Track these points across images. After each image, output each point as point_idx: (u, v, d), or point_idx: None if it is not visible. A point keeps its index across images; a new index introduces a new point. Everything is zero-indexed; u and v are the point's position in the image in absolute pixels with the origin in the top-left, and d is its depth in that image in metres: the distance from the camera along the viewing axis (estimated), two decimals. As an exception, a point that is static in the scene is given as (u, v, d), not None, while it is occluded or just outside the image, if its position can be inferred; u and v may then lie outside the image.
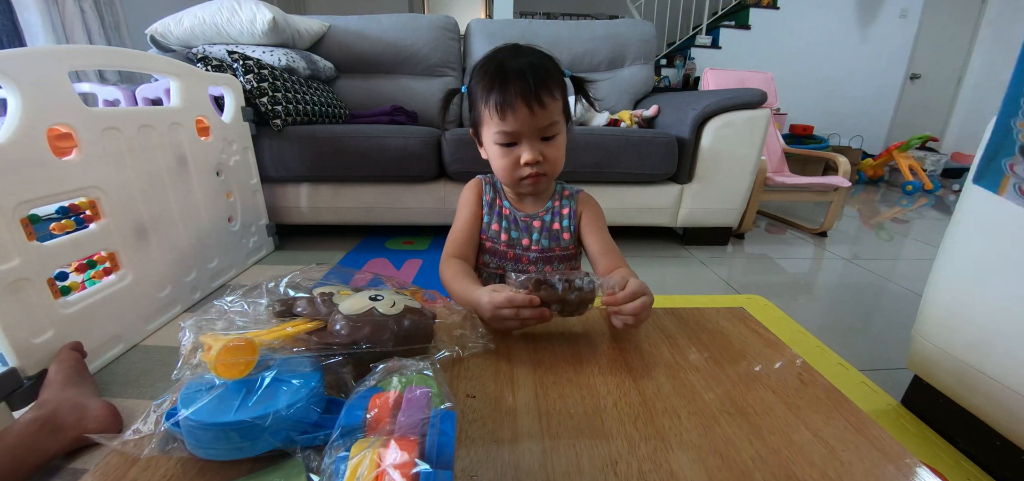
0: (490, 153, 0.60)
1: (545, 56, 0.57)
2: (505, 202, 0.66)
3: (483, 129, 0.59)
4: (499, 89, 0.54)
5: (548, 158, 0.57)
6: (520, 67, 0.54)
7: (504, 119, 0.54)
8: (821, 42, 3.63)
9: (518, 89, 0.53)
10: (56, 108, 0.80)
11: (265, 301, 0.38)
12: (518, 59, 0.55)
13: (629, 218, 1.70)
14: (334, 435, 0.26)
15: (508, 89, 0.53)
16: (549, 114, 0.55)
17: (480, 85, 0.56)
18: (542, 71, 0.54)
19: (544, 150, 0.57)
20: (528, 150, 0.56)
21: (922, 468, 0.30)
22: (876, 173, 3.53)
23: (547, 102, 0.54)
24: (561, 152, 0.59)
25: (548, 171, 0.58)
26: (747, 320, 0.51)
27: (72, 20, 1.97)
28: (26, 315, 0.74)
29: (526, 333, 0.47)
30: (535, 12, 4.22)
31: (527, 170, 0.57)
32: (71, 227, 0.84)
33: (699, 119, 1.58)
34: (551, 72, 0.56)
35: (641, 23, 2.17)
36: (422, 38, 2.03)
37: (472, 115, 0.61)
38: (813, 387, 0.39)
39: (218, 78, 1.32)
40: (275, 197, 1.60)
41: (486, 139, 0.59)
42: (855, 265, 1.65)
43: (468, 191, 0.68)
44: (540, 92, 0.53)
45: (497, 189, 0.67)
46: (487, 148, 0.60)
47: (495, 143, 0.57)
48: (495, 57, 0.56)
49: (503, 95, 0.53)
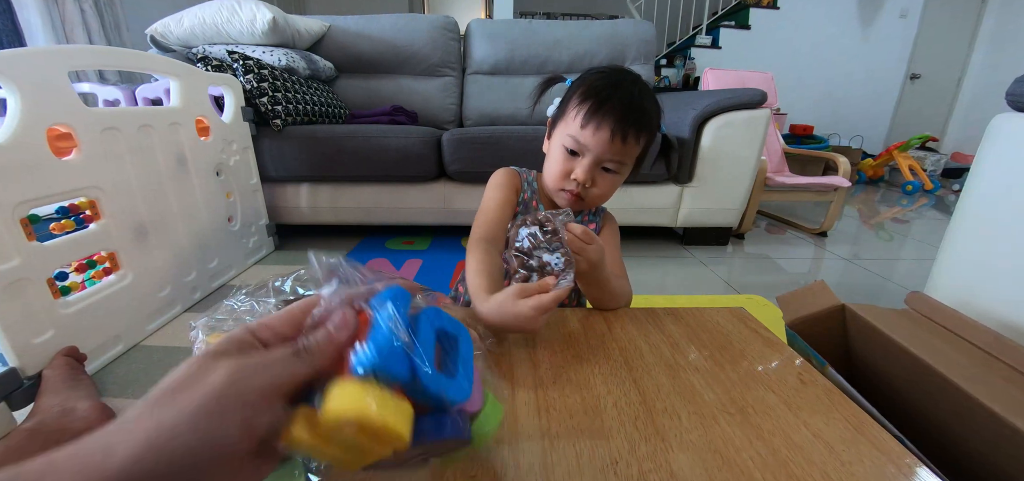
0: (552, 149, 0.59)
1: (655, 103, 0.57)
2: (540, 205, 0.66)
3: (561, 124, 0.58)
4: (598, 101, 0.53)
5: (598, 186, 0.57)
6: (629, 97, 0.54)
7: (584, 129, 0.54)
8: (821, 42, 3.63)
9: (614, 113, 0.53)
10: (56, 108, 0.80)
11: (273, 300, 0.38)
12: (631, 88, 0.55)
13: (629, 218, 1.69)
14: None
15: (605, 107, 0.53)
16: (624, 152, 0.55)
17: (584, 87, 0.56)
18: (644, 115, 0.54)
19: (597, 178, 0.57)
20: (583, 170, 0.55)
21: (922, 468, 0.30)
22: (876, 173, 3.53)
23: (629, 142, 0.54)
24: (611, 189, 0.59)
25: (589, 199, 0.58)
26: (747, 320, 0.51)
27: (72, 20, 1.97)
28: (26, 315, 0.74)
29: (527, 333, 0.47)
30: (535, 12, 4.23)
31: (573, 185, 0.57)
32: (71, 227, 0.84)
33: (699, 119, 1.58)
34: (651, 120, 0.56)
35: (641, 23, 2.16)
36: (422, 38, 2.03)
37: (561, 107, 0.60)
38: (813, 387, 0.39)
39: (218, 78, 1.32)
40: (275, 197, 1.60)
41: (557, 135, 0.58)
42: (855, 265, 1.65)
43: (502, 177, 0.66)
44: (629, 130, 0.53)
45: (535, 190, 0.67)
46: (552, 144, 0.60)
47: (562, 145, 0.57)
48: (613, 74, 0.56)
49: (598, 109, 0.53)
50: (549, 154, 0.60)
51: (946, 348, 0.50)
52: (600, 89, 0.54)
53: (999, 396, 0.41)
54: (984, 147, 0.77)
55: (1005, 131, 0.74)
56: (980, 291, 0.67)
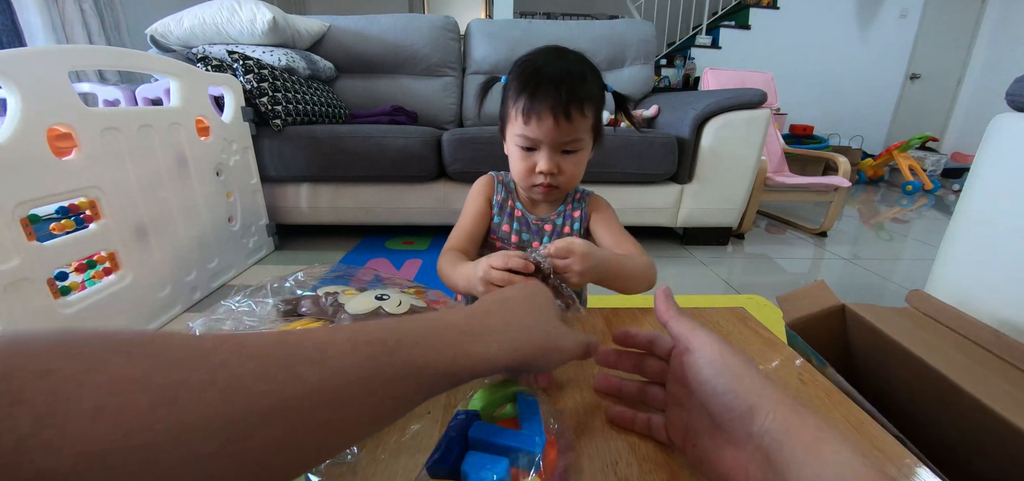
0: (510, 152, 0.59)
1: (587, 66, 0.55)
2: (518, 203, 0.66)
3: (508, 126, 0.58)
4: (529, 93, 0.52)
5: (564, 171, 0.56)
6: (557, 75, 0.52)
7: (528, 124, 0.53)
8: (821, 42, 3.63)
9: (548, 98, 0.51)
10: (56, 108, 0.80)
11: (271, 301, 0.38)
12: (557, 64, 0.53)
13: (629, 218, 1.70)
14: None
15: (538, 96, 0.52)
16: (574, 130, 0.53)
17: (514, 83, 0.55)
18: (578, 85, 0.52)
19: (561, 163, 0.56)
20: (545, 160, 0.54)
21: (922, 468, 0.30)
22: (876, 173, 3.53)
23: (575, 118, 0.52)
24: (579, 168, 0.58)
25: (562, 184, 0.57)
26: (747, 320, 0.51)
27: (72, 20, 1.97)
28: (26, 315, 0.74)
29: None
30: (535, 12, 4.22)
31: (540, 179, 0.56)
32: (71, 227, 0.84)
33: (699, 119, 1.58)
34: (588, 87, 0.54)
35: (641, 23, 2.17)
36: (422, 38, 2.03)
37: (502, 110, 0.60)
38: (813, 387, 0.39)
39: (218, 78, 1.32)
40: (275, 197, 1.60)
41: (508, 137, 0.58)
42: (855, 265, 1.65)
43: (477, 187, 0.66)
44: (570, 107, 0.52)
45: (510, 189, 0.67)
46: (508, 147, 0.59)
47: (516, 145, 0.56)
48: (536, 59, 0.55)
49: (532, 101, 0.52)
50: (510, 157, 0.59)
51: (947, 348, 0.50)
52: (528, 79, 0.53)
53: (1000, 396, 0.41)
54: (984, 147, 0.77)
55: (1005, 131, 0.74)
56: (980, 291, 0.67)
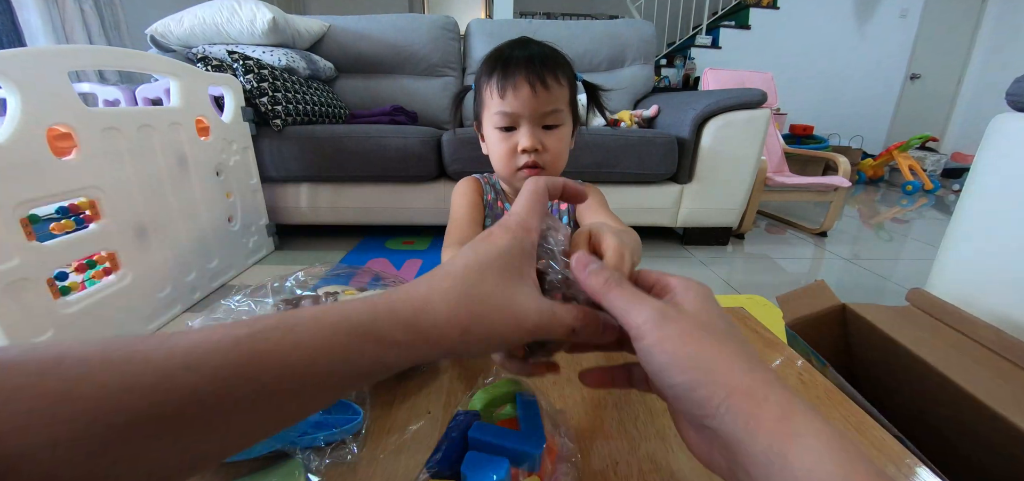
0: (489, 141, 0.58)
1: (555, 49, 0.56)
2: (506, 204, 0.65)
3: (484, 114, 0.56)
4: (502, 68, 0.52)
5: (548, 148, 0.54)
6: (528, 50, 0.53)
7: (504, 97, 0.52)
8: (821, 42, 3.63)
9: (521, 68, 0.51)
10: (56, 108, 0.80)
11: (271, 300, 0.38)
12: (526, 47, 0.54)
13: (629, 218, 1.68)
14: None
15: (511, 68, 0.52)
16: (552, 98, 0.52)
17: (486, 68, 0.55)
18: (551, 57, 0.53)
19: (544, 139, 0.54)
20: (527, 135, 0.53)
21: (922, 468, 0.30)
22: (876, 173, 3.53)
23: (551, 84, 0.52)
24: (563, 146, 0.56)
25: (546, 164, 0.55)
26: (747, 320, 0.51)
27: (72, 20, 1.98)
28: (26, 315, 0.74)
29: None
30: (535, 12, 4.23)
31: (524, 158, 0.54)
32: (71, 227, 0.84)
33: (699, 119, 1.58)
34: (559, 61, 0.54)
35: (641, 23, 2.17)
36: (422, 38, 2.03)
37: (476, 105, 0.59)
38: (813, 387, 0.39)
39: (218, 78, 1.32)
40: (275, 197, 1.60)
41: (486, 125, 0.57)
42: (855, 265, 1.65)
43: (463, 184, 0.65)
44: (544, 73, 0.51)
45: (498, 190, 0.66)
46: (487, 136, 0.58)
47: (494, 127, 0.55)
48: (507, 43, 0.55)
49: (505, 74, 0.52)
50: (490, 148, 0.58)
51: (947, 347, 0.50)
52: (499, 56, 0.53)
53: (1000, 395, 0.41)
54: (984, 147, 0.77)
55: (1005, 131, 0.74)
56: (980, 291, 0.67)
